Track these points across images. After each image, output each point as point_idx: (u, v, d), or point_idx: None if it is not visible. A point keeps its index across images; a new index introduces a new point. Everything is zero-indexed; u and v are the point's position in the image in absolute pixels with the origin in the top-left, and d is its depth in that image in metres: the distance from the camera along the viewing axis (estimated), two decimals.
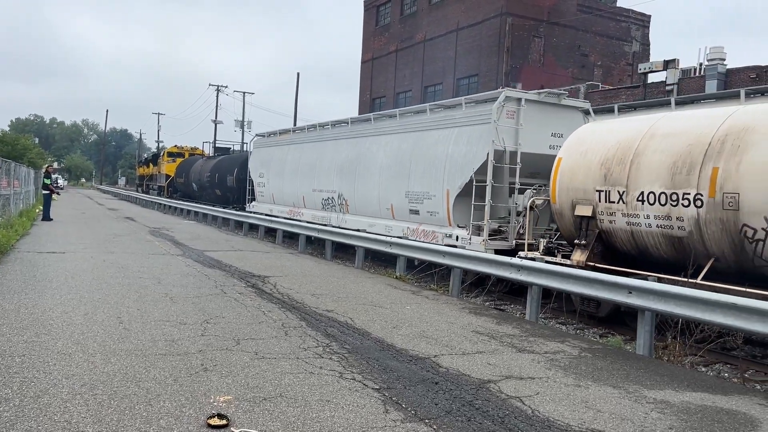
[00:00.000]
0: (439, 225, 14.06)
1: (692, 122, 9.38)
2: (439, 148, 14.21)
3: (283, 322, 7.87)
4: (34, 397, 4.78)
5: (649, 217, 9.34)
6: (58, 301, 8.47)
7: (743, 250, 8.21)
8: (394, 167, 15.75)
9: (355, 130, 18.56)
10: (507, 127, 12.78)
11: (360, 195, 17.35)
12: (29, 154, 51.40)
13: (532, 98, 13.30)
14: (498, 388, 5.63)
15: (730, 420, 5.17)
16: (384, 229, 15.68)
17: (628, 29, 42.16)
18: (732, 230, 8.26)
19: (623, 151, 9.89)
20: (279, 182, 23.17)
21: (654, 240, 9.40)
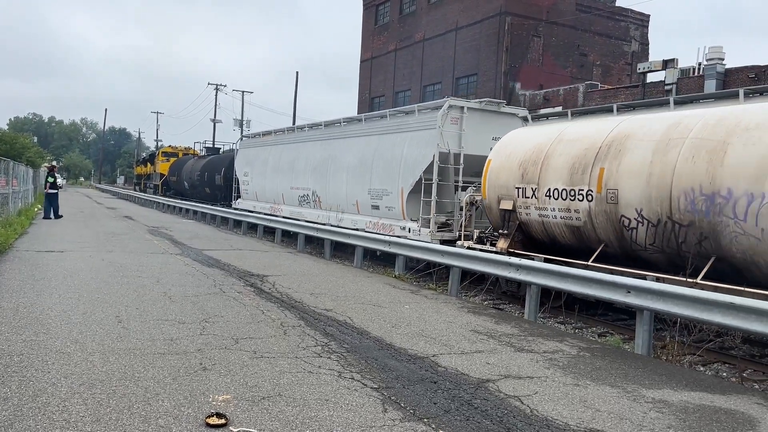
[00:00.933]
0: (395, 219, 15.56)
1: (590, 129, 10.95)
2: (396, 150, 15.78)
3: (281, 322, 7.87)
4: (33, 396, 4.78)
5: (554, 210, 10.90)
6: (56, 300, 8.47)
7: (623, 237, 9.78)
8: (359, 167, 17.26)
9: (327, 133, 20.04)
10: (451, 132, 14.39)
11: (331, 192, 18.88)
12: (28, 153, 51.31)
13: (473, 106, 14.96)
14: (497, 388, 5.64)
15: (728, 419, 5.18)
16: (351, 223, 17.19)
17: (627, 29, 42.17)
18: (614, 220, 9.84)
19: (537, 154, 11.46)
20: (261, 181, 24.67)
21: (560, 229, 10.96)
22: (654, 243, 9.32)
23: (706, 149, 8.69)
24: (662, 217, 9.12)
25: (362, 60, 52.03)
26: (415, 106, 16.12)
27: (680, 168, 8.91)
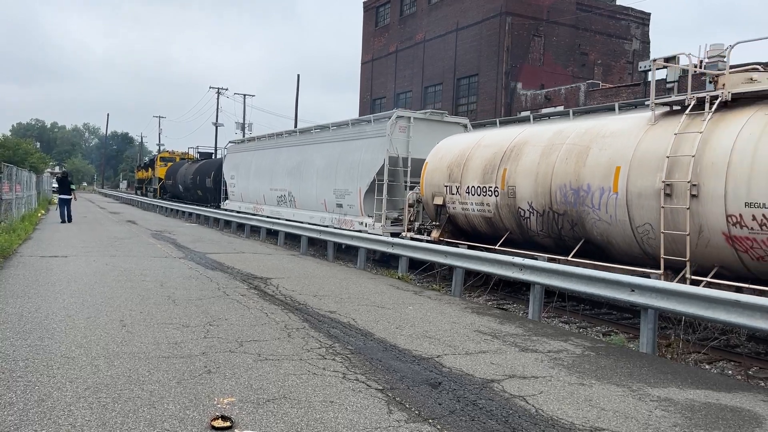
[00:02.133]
0: (355, 215, 17.57)
1: (500, 137, 12.97)
2: (356, 155, 17.83)
3: (285, 324, 7.88)
4: (38, 400, 4.79)
5: (473, 204, 12.91)
6: (61, 305, 8.48)
7: (521, 225, 11.82)
8: (327, 170, 19.41)
9: (302, 140, 22.28)
10: (400, 139, 16.53)
11: (304, 193, 21.09)
12: (30, 159, 51.47)
13: (419, 116, 17.19)
14: (501, 388, 5.63)
15: (734, 417, 5.17)
16: (320, 220, 19.12)
17: (628, 27, 42.14)
18: (514, 211, 11.89)
19: (460, 157, 13.43)
20: (246, 183, 26.90)
21: (477, 220, 12.97)
22: (543, 229, 11.36)
23: (575, 152, 10.66)
24: (546, 208, 11.13)
25: (363, 62, 52.07)
26: (371, 116, 18.27)
27: (557, 168, 10.89)
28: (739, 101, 8.90)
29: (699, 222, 8.58)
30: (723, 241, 8.38)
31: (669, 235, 8.88)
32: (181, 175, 40.93)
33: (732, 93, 8.90)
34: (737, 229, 8.16)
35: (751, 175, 8.03)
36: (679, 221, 8.73)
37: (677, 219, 8.78)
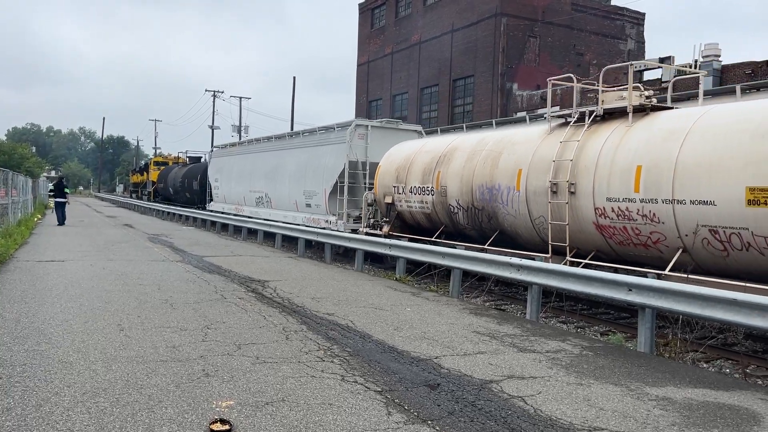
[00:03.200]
0: (322, 214, 19.37)
1: (438, 143, 15.11)
2: (321, 159, 19.77)
3: (283, 326, 7.87)
4: (36, 405, 4.78)
5: (415, 202, 14.78)
6: (58, 309, 8.46)
7: (452, 219, 13.65)
8: (298, 173, 21.35)
9: (277, 145, 24.26)
10: (359, 145, 18.40)
11: (278, 194, 23.01)
12: (27, 163, 51.43)
13: (376, 125, 19.31)
14: (500, 388, 5.63)
15: (732, 415, 5.18)
16: (292, 219, 21.03)
17: (623, 27, 42.25)
18: (446, 208, 13.68)
19: (406, 161, 15.37)
20: (228, 185, 29.01)
21: (420, 216, 14.85)
22: (468, 223, 13.20)
23: (491, 157, 12.50)
24: (469, 205, 12.99)
25: (359, 63, 52.10)
26: (335, 124, 19.92)
27: (477, 170, 12.80)
28: (612, 115, 10.61)
29: (576, 214, 10.41)
30: (594, 229, 10.25)
31: (555, 224, 10.78)
32: (171, 179, 42.87)
33: (604, 109, 10.66)
34: (603, 219, 10.03)
35: (610, 176, 9.83)
36: (562, 213, 10.61)
37: (561, 211, 10.64)
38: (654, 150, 9.38)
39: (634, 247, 9.76)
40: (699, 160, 8.70)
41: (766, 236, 7.90)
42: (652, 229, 9.33)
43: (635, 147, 9.71)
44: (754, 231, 8.02)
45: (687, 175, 8.79)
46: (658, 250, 9.39)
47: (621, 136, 10.01)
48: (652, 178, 9.24)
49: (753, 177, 8.03)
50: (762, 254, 8.05)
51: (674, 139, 9.15)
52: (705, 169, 8.60)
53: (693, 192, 8.70)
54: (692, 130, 9.03)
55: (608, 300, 9.06)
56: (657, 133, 9.55)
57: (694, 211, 8.67)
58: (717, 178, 8.43)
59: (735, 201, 8.19)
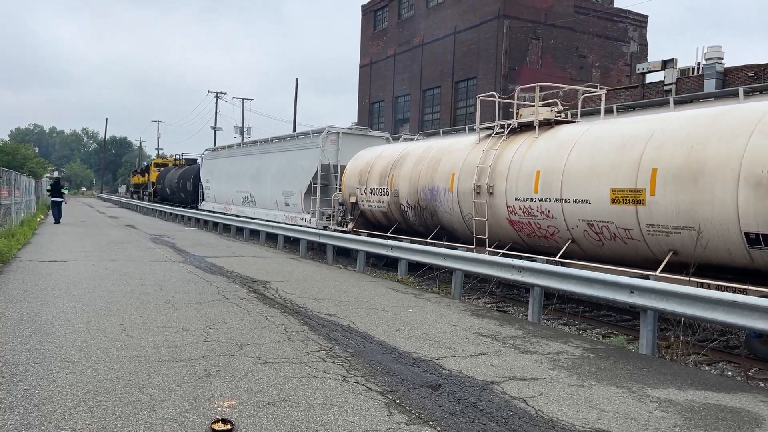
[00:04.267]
0: (298, 212, 21.29)
1: (393, 149, 17.05)
2: (298, 162, 21.64)
3: (285, 327, 7.88)
4: (38, 404, 4.79)
5: (375, 202, 16.65)
6: (60, 309, 8.48)
7: (404, 217, 15.66)
8: (278, 175, 23.27)
9: (261, 149, 26.13)
10: (331, 150, 20.23)
11: (261, 194, 25.02)
12: (30, 164, 51.58)
13: (346, 131, 21.19)
14: (501, 390, 5.63)
15: (734, 418, 5.17)
16: (273, 217, 22.90)
17: (626, 30, 42.23)
18: (398, 207, 15.61)
19: (367, 165, 17.26)
20: (218, 186, 31.13)
21: (379, 214, 16.73)
22: (416, 220, 15.14)
23: (433, 163, 14.40)
24: (416, 204, 14.86)
25: (361, 65, 52.14)
26: (310, 130, 21.90)
27: (422, 174, 14.65)
28: (527, 127, 12.42)
29: (494, 211, 12.28)
30: (508, 225, 12.10)
31: (478, 220, 12.58)
32: (169, 180, 45.08)
33: (518, 122, 12.61)
34: (513, 216, 11.87)
35: (518, 179, 11.66)
36: (483, 211, 12.43)
37: (482, 209, 12.47)
38: (550, 158, 11.16)
39: (537, 239, 11.63)
40: (579, 166, 10.45)
41: (625, 228, 9.62)
42: (549, 224, 11.13)
43: (537, 155, 11.52)
44: (617, 224, 9.74)
45: (571, 179, 10.54)
46: (555, 241, 11.16)
47: (528, 146, 11.90)
48: (547, 181, 11.00)
49: (614, 180, 9.72)
50: (624, 243, 9.76)
51: (564, 149, 10.94)
52: (583, 174, 10.33)
53: (574, 192, 10.44)
54: (578, 142, 10.82)
55: (610, 302, 9.06)
56: (554, 144, 11.34)
57: (576, 208, 10.43)
58: (591, 181, 10.15)
59: (603, 200, 9.91)
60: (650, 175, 9.22)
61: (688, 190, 8.70)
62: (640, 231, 9.40)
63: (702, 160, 8.58)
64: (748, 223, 8.03)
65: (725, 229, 8.29)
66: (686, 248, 8.83)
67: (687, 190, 8.72)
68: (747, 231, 8.06)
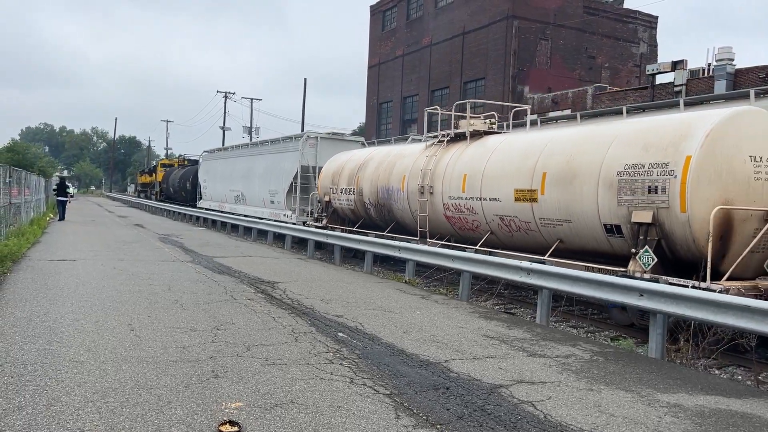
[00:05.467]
0: (281, 209, 23.32)
1: (361, 154, 18.99)
2: (281, 164, 23.80)
3: (293, 328, 7.87)
4: (47, 405, 4.80)
5: (344, 200, 18.61)
6: (69, 308, 8.52)
7: (368, 214, 17.53)
8: (265, 175, 25.47)
9: (251, 151, 28.56)
10: (310, 153, 22.45)
11: (251, 193, 27.10)
12: (39, 163, 51.92)
13: (325, 136, 23.22)
14: (509, 393, 5.60)
15: (744, 423, 5.12)
16: (261, 213, 24.95)
17: (635, 31, 42.02)
18: (362, 205, 17.65)
19: (339, 168, 19.24)
20: (214, 185, 33.47)
21: (347, 211, 18.74)
22: (377, 216, 17.12)
23: (390, 166, 16.43)
24: (376, 202, 16.80)
25: (369, 66, 52.14)
26: (293, 135, 24.31)
27: (380, 176, 16.65)
28: (463, 136, 14.39)
29: (433, 208, 14.20)
30: (445, 220, 14.01)
31: (421, 216, 14.53)
32: (172, 180, 47.52)
33: (455, 133, 14.68)
34: (448, 212, 13.76)
35: (451, 180, 13.56)
36: (426, 208, 14.37)
37: (425, 206, 14.40)
38: (475, 163, 13.09)
39: (467, 231, 13.56)
40: (494, 171, 12.43)
41: (525, 221, 11.56)
42: (473, 218, 13.06)
43: (466, 160, 13.47)
44: (520, 218, 11.67)
45: (488, 181, 12.49)
46: (479, 233, 13.08)
47: (461, 153, 13.90)
48: (472, 182, 12.94)
49: (517, 182, 11.64)
50: (526, 233, 11.72)
51: (486, 156, 12.91)
52: (497, 177, 12.29)
53: (490, 192, 12.40)
54: (495, 150, 12.81)
55: (619, 305, 9.00)
56: (479, 151, 13.30)
57: (491, 205, 12.38)
58: (501, 182, 12.11)
59: (509, 198, 11.84)
60: (541, 178, 11.12)
61: (566, 190, 10.54)
62: (536, 223, 11.36)
63: (576, 166, 10.44)
64: (605, 216, 9.87)
65: (591, 221, 10.15)
66: (568, 237, 10.78)
67: (565, 190, 10.56)
68: (605, 222, 9.92)
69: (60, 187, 29.66)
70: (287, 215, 22.52)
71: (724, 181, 8.80)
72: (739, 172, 8.91)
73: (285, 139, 24.86)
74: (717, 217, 8.43)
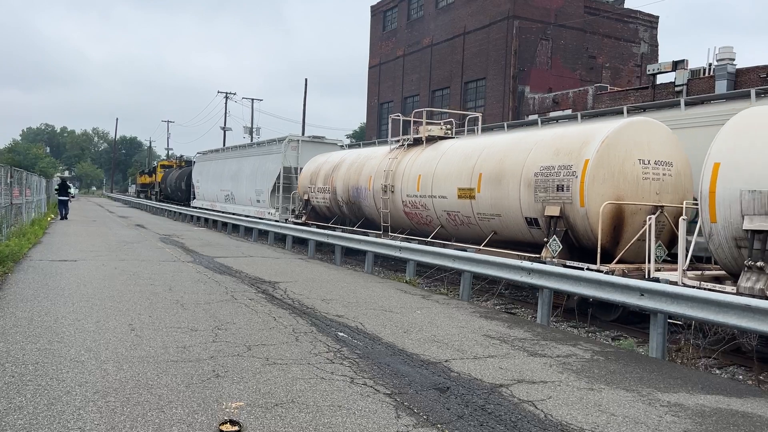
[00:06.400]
0: (266, 208, 25.15)
1: (336, 156, 20.77)
2: (266, 165, 25.82)
3: (293, 328, 7.88)
4: (48, 404, 4.81)
5: (321, 199, 20.54)
6: (70, 308, 8.53)
7: (341, 210, 19.46)
8: (252, 176, 27.37)
9: (240, 153, 30.41)
10: (292, 155, 24.47)
11: (239, 192, 28.98)
12: (41, 163, 52.05)
13: (305, 139, 25.57)
14: (510, 393, 5.60)
15: (745, 422, 5.12)
16: (248, 212, 26.69)
17: (636, 30, 42.00)
18: (336, 203, 19.63)
19: (317, 169, 21.12)
20: (206, 185, 35.40)
21: (324, 209, 20.65)
22: (350, 213, 19.00)
23: (359, 168, 18.28)
24: (348, 200, 18.74)
25: (370, 66, 52.13)
26: (276, 138, 26.11)
27: (351, 176, 18.54)
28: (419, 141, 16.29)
29: (394, 205, 16.10)
30: (404, 215, 15.92)
31: (384, 212, 16.45)
32: (170, 180, 49.07)
33: (414, 138, 16.55)
34: (407, 208, 15.65)
35: (409, 180, 15.45)
36: (388, 205, 16.25)
37: (387, 204, 16.27)
38: (427, 165, 14.98)
39: (422, 225, 15.34)
40: (443, 171, 14.20)
41: (467, 216, 13.30)
42: (427, 214, 14.85)
43: (421, 163, 15.33)
44: (462, 213, 13.41)
45: (438, 181, 14.25)
46: (432, 227, 14.84)
47: (417, 156, 15.78)
48: (425, 182, 14.79)
49: (460, 181, 13.41)
50: (468, 227, 13.46)
51: (437, 158, 14.74)
52: (444, 177, 14.04)
53: (439, 190, 14.14)
54: (445, 153, 14.66)
55: (620, 304, 9.00)
56: (433, 154, 15.14)
57: (441, 201, 14.10)
58: (448, 182, 13.84)
59: (454, 195, 13.59)
60: (478, 177, 12.91)
61: (497, 188, 12.35)
62: (475, 217, 13.11)
63: (504, 168, 12.28)
64: (525, 210, 11.70)
65: (516, 215, 11.96)
66: (500, 229, 12.57)
67: (496, 189, 12.37)
68: (526, 216, 11.74)
69: (61, 187, 31.34)
70: (271, 213, 24.42)
71: (616, 181, 10.42)
72: (629, 173, 10.50)
73: (270, 142, 26.63)
74: (607, 211, 10.11)
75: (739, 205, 7.95)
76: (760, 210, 7.72)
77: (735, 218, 8.01)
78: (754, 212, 7.76)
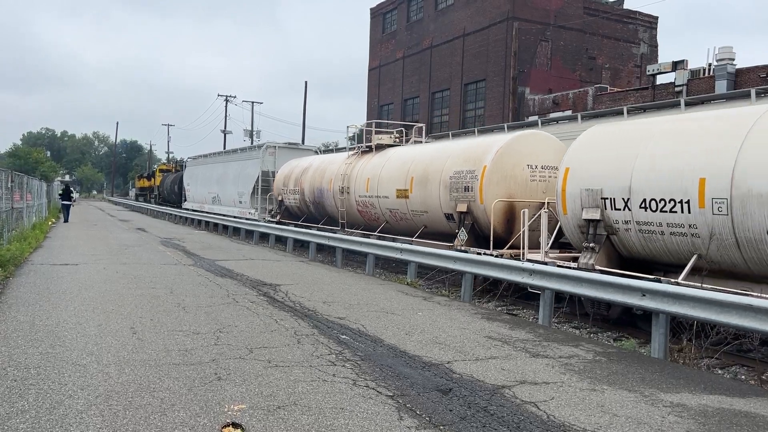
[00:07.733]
0: (248, 208, 27.44)
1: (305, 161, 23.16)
2: (247, 169, 28.39)
3: (295, 330, 7.88)
4: (50, 408, 4.81)
5: (292, 200, 22.82)
6: (72, 312, 8.53)
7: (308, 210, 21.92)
8: (235, 178, 29.86)
9: (225, 158, 33.00)
10: (269, 160, 26.97)
11: (224, 194, 31.42)
12: (41, 168, 52.17)
13: (282, 146, 28.00)
14: (512, 394, 5.60)
15: (748, 422, 5.11)
16: (232, 212, 28.82)
17: (636, 31, 42.02)
18: (304, 203, 21.97)
19: (289, 172, 23.54)
20: (196, 188, 38.09)
21: (295, 209, 23.00)
22: (315, 211, 21.32)
23: (324, 172, 20.50)
24: (313, 200, 21.15)
25: (370, 68, 52.17)
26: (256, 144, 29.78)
27: (316, 179, 20.91)
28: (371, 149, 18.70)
29: (349, 204, 18.36)
30: (358, 213, 18.20)
31: (341, 211, 18.83)
32: (167, 184, 51.54)
33: (366, 145, 19.01)
34: (359, 207, 17.94)
35: (360, 183, 17.74)
36: (344, 204, 18.57)
37: (344, 203, 18.61)
38: (375, 169, 17.41)
39: (372, 221, 17.53)
40: (386, 175, 16.61)
41: (403, 213, 15.73)
42: (374, 211, 17.22)
43: (371, 167, 17.68)
44: (401, 210, 15.85)
45: (382, 183, 16.64)
46: (379, 222, 17.18)
47: (368, 161, 18.15)
48: (372, 184, 17.13)
49: (398, 183, 15.90)
50: (406, 222, 15.78)
51: (383, 164, 17.16)
52: (387, 180, 16.47)
53: (383, 191, 16.53)
54: (389, 159, 17.13)
55: (621, 305, 8.99)
56: (380, 161, 17.50)
57: (384, 201, 16.50)
58: (390, 184, 16.24)
59: (393, 195, 16.02)
60: (410, 180, 15.37)
61: (424, 189, 14.79)
62: (410, 214, 15.50)
63: (429, 172, 14.75)
64: (444, 207, 14.06)
65: (437, 212, 14.37)
66: (428, 223, 14.90)
67: (423, 189, 14.83)
68: (444, 212, 14.12)
69: (65, 192, 33.33)
70: (251, 213, 26.81)
71: (508, 182, 12.90)
72: (519, 176, 12.94)
73: (251, 148, 29.96)
74: (498, 207, 12.47)
75: (580, 200, 10.34)
76: (591, 204, 10.14)
77: (578, 210, 10.41)
78: (589, 205, 10.18)
